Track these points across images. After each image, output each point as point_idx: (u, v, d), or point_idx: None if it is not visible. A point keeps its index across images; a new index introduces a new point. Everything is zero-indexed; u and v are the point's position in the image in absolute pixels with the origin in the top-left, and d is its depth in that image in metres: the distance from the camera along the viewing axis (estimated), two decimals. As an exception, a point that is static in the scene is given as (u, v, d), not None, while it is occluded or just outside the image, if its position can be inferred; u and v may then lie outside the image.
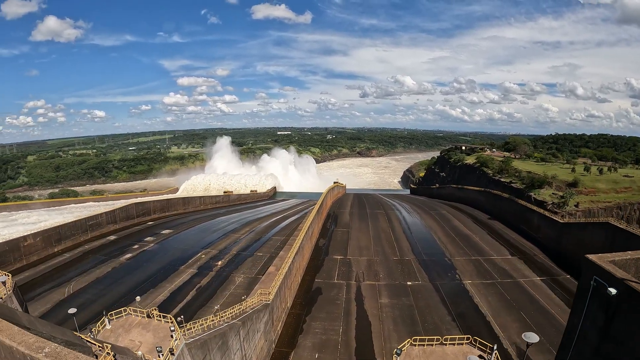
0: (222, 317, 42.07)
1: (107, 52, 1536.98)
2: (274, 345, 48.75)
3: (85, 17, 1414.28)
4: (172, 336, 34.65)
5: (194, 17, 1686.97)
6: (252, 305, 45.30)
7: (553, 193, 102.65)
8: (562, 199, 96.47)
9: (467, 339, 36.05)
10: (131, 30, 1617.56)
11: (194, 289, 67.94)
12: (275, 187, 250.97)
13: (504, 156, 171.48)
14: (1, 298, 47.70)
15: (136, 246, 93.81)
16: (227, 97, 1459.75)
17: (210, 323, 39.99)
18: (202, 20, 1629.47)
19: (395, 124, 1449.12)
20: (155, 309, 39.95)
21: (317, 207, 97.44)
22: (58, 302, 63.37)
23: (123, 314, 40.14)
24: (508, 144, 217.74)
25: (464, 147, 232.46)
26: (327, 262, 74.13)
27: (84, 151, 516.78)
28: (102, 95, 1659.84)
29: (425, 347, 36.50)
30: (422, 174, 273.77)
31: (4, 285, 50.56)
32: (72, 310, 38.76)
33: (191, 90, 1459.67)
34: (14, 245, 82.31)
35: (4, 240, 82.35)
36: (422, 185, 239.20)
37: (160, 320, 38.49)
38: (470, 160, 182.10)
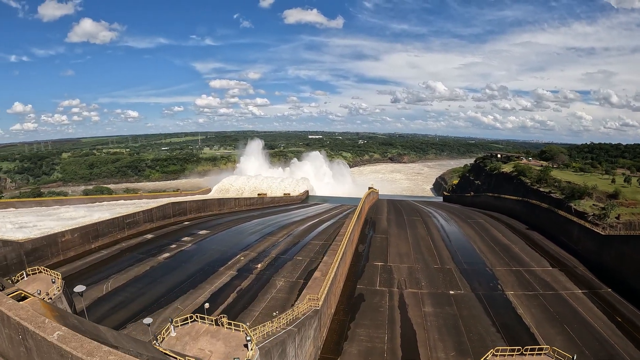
0: (278, 323, 41.51)
1: (140, 54, 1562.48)
2: (319, 352, 48.69)
3: (120, 20, 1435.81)
4: (246, 346, 34.09)
5: (226, 21, 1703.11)
6: (304, 311, 45.19)
7: (593, 204, 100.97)
8: (603, 211, 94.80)
9: (546, 349, 37.24)
10: (164, 33, 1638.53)
11: (235, 292, 68.04)
12: (307, 191, 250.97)
13: (542, 165, 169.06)
14: (51, 298, 48.53)
15: (173, 245, 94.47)
16: (259, 100, 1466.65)
17: (269, 329, 39.68)
18: (235, 24, 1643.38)
19: (426, 130, 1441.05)
20: (224, 317, 39.47)
21: (357, 212, 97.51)
22: (96, 299, 64.10)
23: (189, 320, 39.77)
24: (544, 152, 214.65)
25: (499, 155, 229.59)
26: (368, 269, 73.85)
27: (118, 150, 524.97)
28: (135, 95, 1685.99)
29: (506, 357, 37.56)
30: (455, 182, 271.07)
31: (54, 284, 51.75)
32: (147, 321, 37.90)
33: (223, 92, 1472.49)
34: (52, 240, 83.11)
35: (43, 235, 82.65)
36: (455, 193, 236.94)
37: (230, 328, 37.92)
38: (507, 168, 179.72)
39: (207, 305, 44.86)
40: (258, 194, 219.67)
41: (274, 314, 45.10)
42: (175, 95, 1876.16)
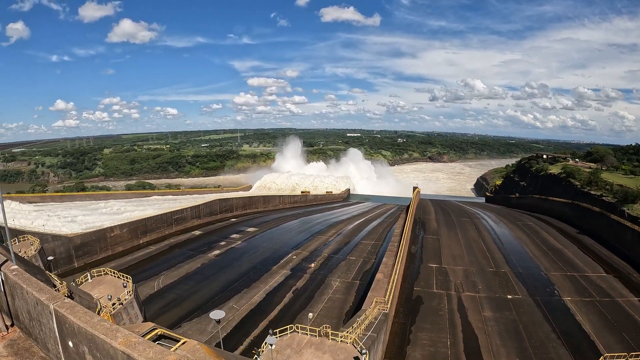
0: (360, 328, 41.01)
1: (179, 53, 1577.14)
2: (384, 356, 48.49)
3: (159, 20, 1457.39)
4: (357, 359, 33.61)
5: (263, 20, 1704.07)
6: (376, 315, 45.26)
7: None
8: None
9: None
10: (202, 32, 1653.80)
11: (290, 291, 69.05)
12: (349, 189, 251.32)
13: (590, 167, 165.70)
14: (122, 304, 49.37)
15: (223, 243, 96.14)
16: (296, 98, 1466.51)
17: (355, 336, 38.38)
18: (272, 23, 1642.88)
19: (465, 129, 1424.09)
20: (327, 327, 38.75)
21: (411, 213, 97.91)
22: (148, 296, 65.59)
23: (288, 331, 39.01)
24: (590, 154, 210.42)
25: (545, 156, 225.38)
26: (423, 270, 73.89)
27: (158, 146, 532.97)
28: (174, 93, 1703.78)
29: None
30: (498, 182, 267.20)
31: (125, 288, 52.68)
32: (217, 316, 34.68)
33: (261, 90, 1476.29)
34: (101, 235, 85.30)
35: (92, 230, 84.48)
36: (499, 194, 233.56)
37: (336, 339, 37.21)
38: (554, 170, 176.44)
39: (310, 315, 45.24)
40: (302, 192, 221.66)
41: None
42: (213, 93, 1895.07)
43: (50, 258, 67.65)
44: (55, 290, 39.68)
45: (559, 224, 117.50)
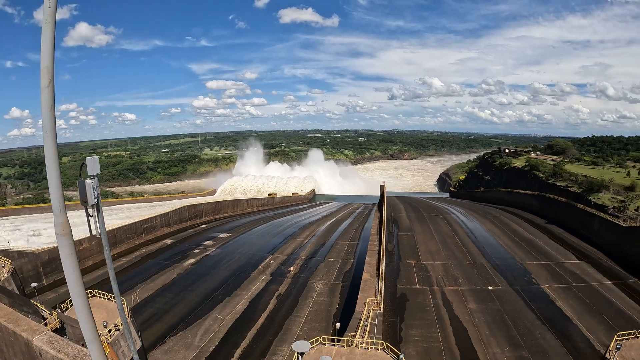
0: (364, 332, 40.54)
1: (136, 57, 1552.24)
2: None
3: (115, 23, 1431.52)
4: None
5: (221, 21, 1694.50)
6: (373, 316, 45.20)
7: (612, 197, 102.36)
8: (623, 203, 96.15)
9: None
10: (160, 35, 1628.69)
11: (274, 297, 67.92)
12: (314, 190, 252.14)
13: (552, 159, 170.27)
14: (118, 329, 44.61)
15: (197, 250, 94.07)
16: (256, 100, 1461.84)
17: (361, 340, 37.85)
18: (230, 24, 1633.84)
19: (424, 126, 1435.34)
20: (354, 335, 37.79)
21: (384, 212, 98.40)
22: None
23: (315, 344, 37.74)
24: (551, 147, 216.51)
25: (507, 150, 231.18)
26: (403, 267, 74.00)
27: (117, 153, 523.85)
28: (132, 98, 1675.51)
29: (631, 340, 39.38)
30: (461, 177, 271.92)
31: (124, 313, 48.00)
32: (302, 348, 30.89)
33: (220, 93, 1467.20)
34: None
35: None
36: (463, 189, 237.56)
37: (366, 348, 36.27)
38: (518, 163, 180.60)
39: (338, 325, 43.29)
40: (269, 194, 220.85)
41: (365, 322, 42.86)
42: (172, 97, 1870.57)
43: (34, 284, 61.33)
44: (44, 322, 36.62)
45: (527, 215, 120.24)
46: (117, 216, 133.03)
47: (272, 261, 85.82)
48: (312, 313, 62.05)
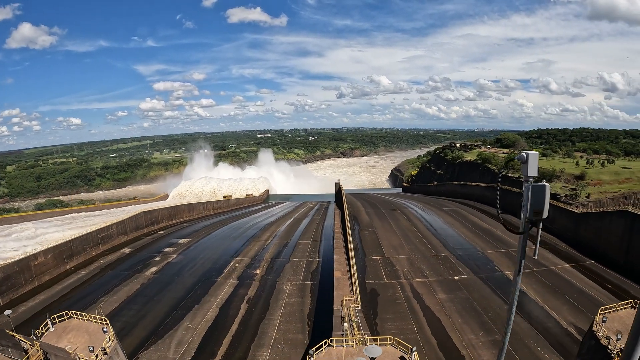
0: (354, 330, 39.91)
1: (81, 58, 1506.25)
2: None
3: (60, 24, 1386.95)
4: (403, 358, 32.70)
5: (168, 21, 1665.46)
6: (354, 313, 44.82)
7: (563, 186, 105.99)
8: (574, 191, 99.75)
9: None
10: (105, 36, 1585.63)
11: (244, 302, 67.00)
12: (268, 190, 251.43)
13: (503, 152, 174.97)
14: (106, 353, 40.51)
15: (157, 258, 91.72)
16: (204, 101, 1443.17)
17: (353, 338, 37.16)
18: (177, 24, 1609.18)
19: (372, 124, 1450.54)
20: (366, 334, 37.59)
21: (345, 209, 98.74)
22: None
23: (324, 347, 36.72)
24: (500, 140, 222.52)
25: (457, 145, 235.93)
26: (369, 263, 74.66)
27: (64, 159, 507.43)
28: (77, 102, 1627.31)
29: (616, 312, 42.44)
30: (413, 172, 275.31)
31: (105, 333, 43.11)
32: (374, 353, 31.35)
33: (167, 95, 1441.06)
34: (25, 264, 75.93)
35: (14, 260, 75.39)
36: (416, 183, 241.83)
37: (374, 342, 35.45)
38: (470, 157, 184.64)
39: (345, 325, 41.96)
40: (224, 197, 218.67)
41: (355, 320, 42.37)
42: (118, 100, 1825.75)
43: (7, 312, 49.54)
44: (26, 357, 33.35)
45: (481, 206, 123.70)
46: (69, 226, 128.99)
47: (237, 265, 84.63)
48: (286, 315, 61.64)
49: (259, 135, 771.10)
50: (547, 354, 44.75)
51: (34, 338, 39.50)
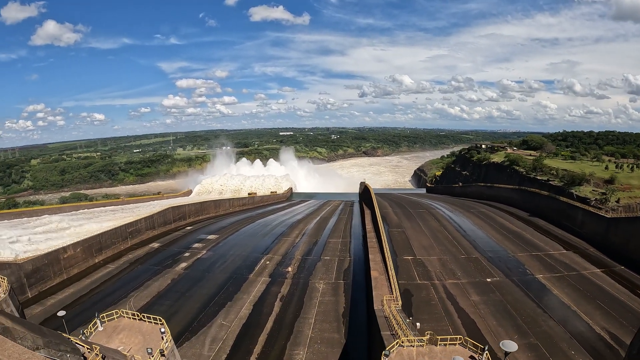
0: (405, 330, 39.54)
1: (105, 55, 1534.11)
2: None
3: (84, 21, 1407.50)
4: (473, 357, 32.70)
5: (191, 19, 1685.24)
6: (395, 314, 44.87)
7: (593, 190, 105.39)
8: (604, 196, 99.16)
9: None
10: (129, 33, 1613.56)
11: (278, 299, 67.33)
12: (291, 188, 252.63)
13: (530, 155, 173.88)
14: (164, 355, 39.00)
15: (187, 254, 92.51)
16: (226, 99, 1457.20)
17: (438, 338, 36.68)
18: (200, 22, 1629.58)
19: (394, 123, 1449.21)
20: (430, 333, 36.67)
21: (377, 209, 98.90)
22: None
23: (395, 346, 35.81)
24: (526, 142, 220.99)
25: (483, 146, 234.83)
26: (401, 263, 74.53)
27: (88, 154, 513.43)
28: (100, 98, 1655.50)
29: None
30: (438, 173, 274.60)
31: (162, 338, 41.17)
32: (511, 347, 31.40)
33: (190, 92, 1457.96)
34: (54, 257, 76.68)
35: (43, 253, 75.79)
36: (440, 184, 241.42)
37: (444, 345, 36.01)
38: (497, 158, 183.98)
39: (418, 325, 42.22)
40: (248, 194, 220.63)
41: (408, 320, 41.92)
42: (141, 96, 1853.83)
43: (61, 313, 47.14)
44: None
45: (509, 208, 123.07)
46: (96, 220, 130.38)
47: (268, 262, 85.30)
48: (320, 314, 62.19)
49: (281, 133, 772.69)
50: (580, 358, 44.83)
51: (83, 338, 37.37)
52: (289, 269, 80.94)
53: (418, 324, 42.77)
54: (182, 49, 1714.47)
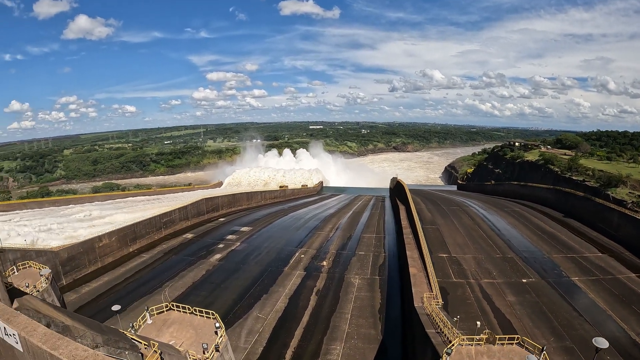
0: (451, 329, 39.18)
1: (136, 49, 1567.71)
2: None
3: (115, 15, 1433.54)
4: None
5: (221, 13, 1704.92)
6: (436, 311, 44.85)
7: (630, 192, 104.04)
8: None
9: None
10: (159, 27, 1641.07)
11: (313, 293, 68.07)
12: (322, 182, 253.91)
13: (565, 154, 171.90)
14: (218, 350, 38.24)
15: (221, 245, 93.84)
16: (256, 92, 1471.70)
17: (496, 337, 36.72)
18: (230, 16, 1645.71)
19: (424, 119, 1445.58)
20: (488, 332, 36.70)
21: (412, 205, 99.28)
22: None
23: (455, 344, 35.54)
24: (560, 141, 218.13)
25: (517, 144, 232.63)
26: (436, 261, 73.25)
27: (119, 145, 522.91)
28: (132, 90, 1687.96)
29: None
30: (469, 170, 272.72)
31: (216, 333, 40.72)
32: (603, 344, 31.60)
33: (220, 85, 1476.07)
34: (89, 246, 78.44)
35: (79, 241, 77.66)
36: (472, 182, 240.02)
37: (501, 344, 36.09)
38: (531, 157, 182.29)
39: (478, 323, 40.78)
40: (280, 186, 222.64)
41: (455, 319, 41.03)
42: (172, 89, 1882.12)
43: (116, 308, 43.93)
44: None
45: (543, 208, 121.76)
46: (128, 210, 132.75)
47: (303, 255, 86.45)
48: (356, 309, 62.83)
49: (311, 127, 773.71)
50: (616, 362, 44.99)
51: (132, 332, 37.51)
52: (324, 263, 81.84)
53: (478, 322, 41.84)
54: (212, 42, 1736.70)
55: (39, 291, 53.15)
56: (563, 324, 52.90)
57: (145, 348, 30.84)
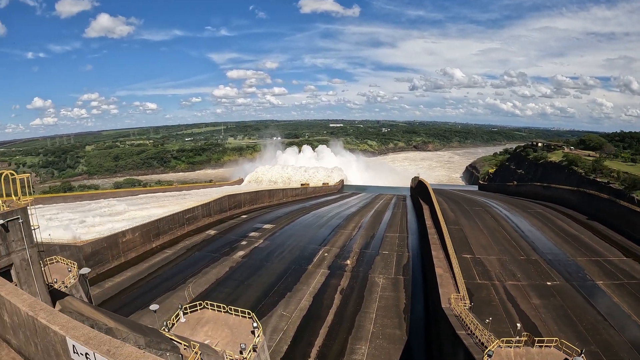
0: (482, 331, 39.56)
1: (157, 47, 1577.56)
2: None
3: (136, 14, 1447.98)
4: None
5: (241, 11, 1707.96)
6: (465, 313, 45.00)
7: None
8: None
9: None
10: (180, 25, 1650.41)
11: (337, 292, 68.41)
12: (342, 180, 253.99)
13: (589, 155, 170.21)
14: (255, 350, 37.68)
15: (244, 242, 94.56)
16: (276, 90, 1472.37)
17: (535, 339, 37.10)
18: (250, 14, 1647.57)
19: (445, 118, 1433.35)
20: (527, 335, 36.92)
21: (436, 204, 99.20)
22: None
23: (494, 347, 35.67)
24: (584, 142, 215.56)
25: (540, 144, 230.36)
26: (460, 261, 71.51)
27: (141, 141, 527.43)
28: (152, 88, 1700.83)
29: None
30: (491, 170, 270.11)
31: (254, 333, 40.00)
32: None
33: (240, 82, 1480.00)
34: (113, 241, 79.62)
35: (103, 236, 78.90)
36: (493, 182, 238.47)
37: (540, 347, 36.27)
38: (554, 158, 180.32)
39: (518, 325, 41.82)
40: (301, 184, 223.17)
41: (487, 321, 40.91)
42: (192, 87, 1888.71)
43: (154, 307, 42.57)
44: None
45: (566, 210, 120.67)
46: (150, 205, 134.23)
47: (326, 254, 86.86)
48: (381, 309, 63.23)
49: (331, 125, 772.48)
50: (641, 368, 44.98)
51: (166, 330, 38.01)
52: (348, 262, 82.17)
53: (518, 324, 43.26)
54: (232, 40, 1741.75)
55: (67, 287, 51.64)
56: (588, 328, 52.79)
57: (185, 349, 30.91)
